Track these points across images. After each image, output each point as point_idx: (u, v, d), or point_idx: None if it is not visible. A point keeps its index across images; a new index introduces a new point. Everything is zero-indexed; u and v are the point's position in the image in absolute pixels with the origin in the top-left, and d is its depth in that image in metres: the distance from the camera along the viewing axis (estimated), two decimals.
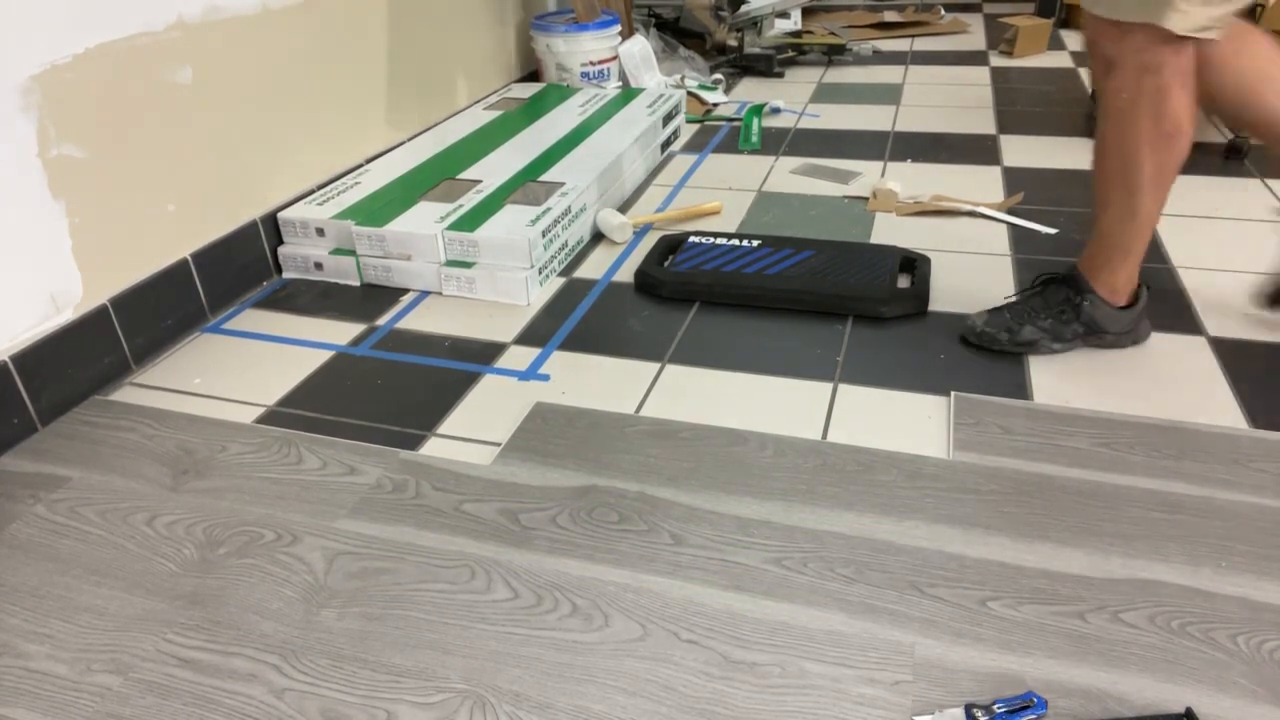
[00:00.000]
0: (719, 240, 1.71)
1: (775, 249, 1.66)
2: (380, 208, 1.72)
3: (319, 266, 1.71)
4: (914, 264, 1.60)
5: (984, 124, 2.41)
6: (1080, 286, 1.31)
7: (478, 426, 1.27)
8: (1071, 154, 2.16)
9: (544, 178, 1.85)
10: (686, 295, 1.58)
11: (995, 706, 0.82)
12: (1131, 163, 1.17)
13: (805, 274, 1.57)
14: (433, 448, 1.23)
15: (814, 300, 1.52)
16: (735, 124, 2.51)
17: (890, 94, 2.72)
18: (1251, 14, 2.08)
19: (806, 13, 3.52)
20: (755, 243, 1.69)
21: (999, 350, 1.36)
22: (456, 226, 1.63)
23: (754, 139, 2.35)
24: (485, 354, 1.45)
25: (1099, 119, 1.20)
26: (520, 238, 1.58)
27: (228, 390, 1.39)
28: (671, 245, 1.71)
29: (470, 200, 1.74)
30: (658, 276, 1.60)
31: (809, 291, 1.52)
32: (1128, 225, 1.23)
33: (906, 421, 1.24)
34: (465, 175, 1.88)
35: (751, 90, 2.82)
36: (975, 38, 3.39)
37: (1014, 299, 1.38)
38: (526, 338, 1.49)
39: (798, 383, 1.33)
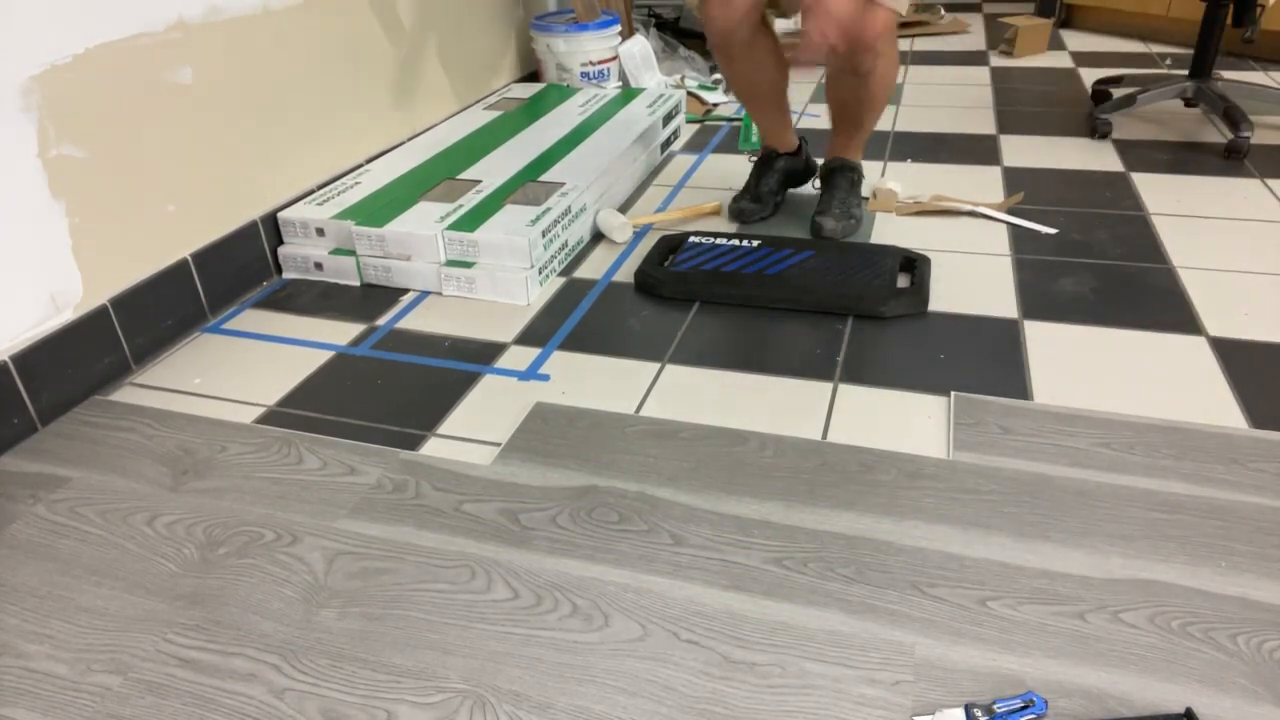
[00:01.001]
0: (719, 240, 1.71)
1: (775, 249, 1.66)
2: (380, 208, 1.72)
3: (319, 266, 1.71)
4: (914, 264, 1.60)
5: (984, 124, 2.41)
6: (855, 166, 1.83)
7: (478, 426, 1.27)
8: (1071, 154, 2.16)
9: (544, 178, 1.85)
10: (686, 295, 1.58)
11: (995, 706, 0.82)
12: (892, 84, 1.70)
13: (805, 274, 1.57)
14: (433, 448, 1.23)
15: (814, 300, 1.51)
16: (735, 124, 2.51)
17: None
18: (1251, 13, 2.08)
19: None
20: (755, 243, 1.69)
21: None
22: (456, 226, 1.63)
23: (754, 139, 2.35)
24: (485, 354, 1.45)
25: (862, 83, 1.65)
26: (520, 238, 1.58)
27: (228, 390, 1.39)
28: (672, 245, 1.71)
29: (470, 200, 1.74)
30: (657, 276, 1.60)
31: (809, 291, 1.52)
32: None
33: (906, 421, 1.24)
34: (465, 175, 1.88)
35: None
36: (975, 38, 3.39)
37: (830, 200, 1.80)
38: (526, 338, 1.49)
39: (798, 383, 1.34)
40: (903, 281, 1.58)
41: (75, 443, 1.27)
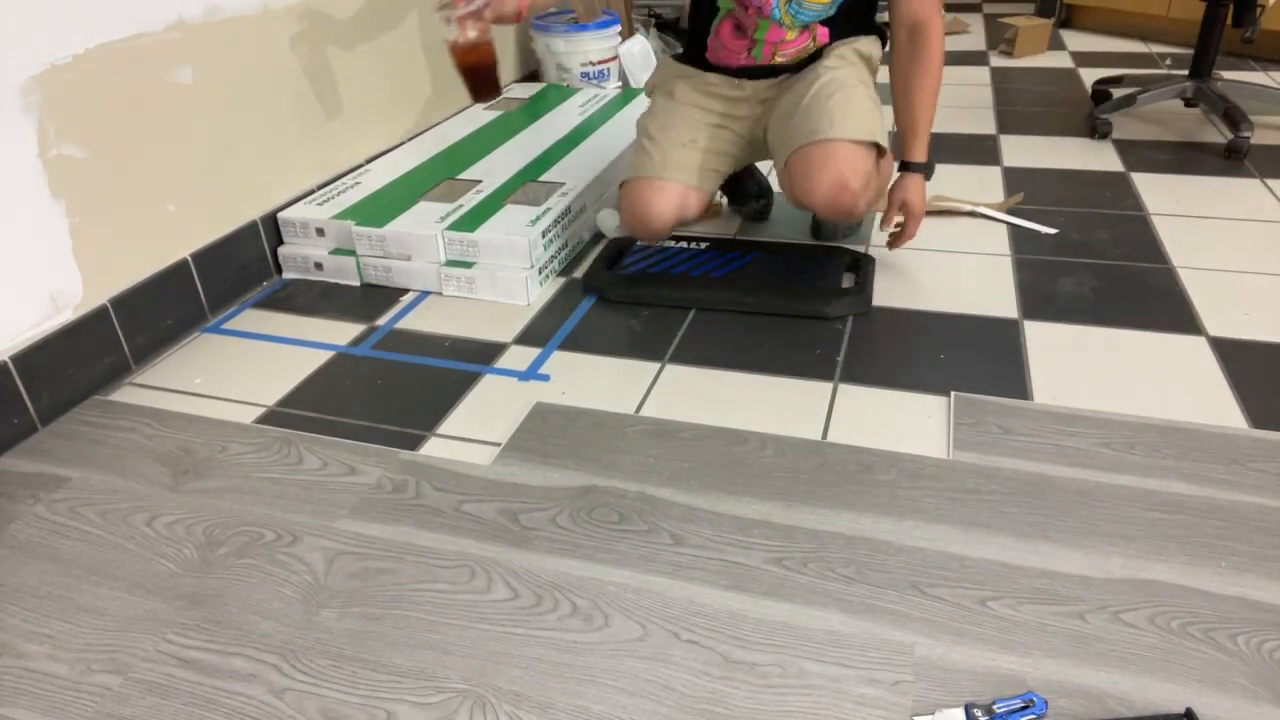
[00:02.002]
0: (668, 243, 1.71)
1: (722, 251, 1.66)
2: (380, 208, 1.72)
3: (319, 266, 1.71)
4: (859, 264, 1.59)
5: (984, 124, 2.41)
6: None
7: (478, 426, 1.27)
8: (1071, 154, 2.16)
9: (544, 178, 1.85)
10: (633, 299, 1.57)
11: (995, 706, 0.82)
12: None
13: (750, 276, 1.57)
14: (433, 448, 1.23)
15: (758, 303, 1.51)
16: None
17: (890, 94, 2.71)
18: (1251, 13, 2.08)
19: None
20: (703, 244, 1.69)
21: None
22: (456, 226, 1.63)
23: None
24: (485, 354, 1.45)
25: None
26: (520, 238, 1.58)
27: (228, 390, 1.39)
28: (620, 248, 1.70)
29: (470, 200, 1.74)
30: (604, 280, 1.59)
31: (753, 293, 1.52)
32: None
33: (906, 421, 1.24)
34: (465, 175, 1.88)
35: None
36: (975, 38, 3.39)
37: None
38: (526, 338, 1.49)
39: (798, 383, 1.33)
40: (847, 281, 1.57)
41: (75, 443, 1.27)
